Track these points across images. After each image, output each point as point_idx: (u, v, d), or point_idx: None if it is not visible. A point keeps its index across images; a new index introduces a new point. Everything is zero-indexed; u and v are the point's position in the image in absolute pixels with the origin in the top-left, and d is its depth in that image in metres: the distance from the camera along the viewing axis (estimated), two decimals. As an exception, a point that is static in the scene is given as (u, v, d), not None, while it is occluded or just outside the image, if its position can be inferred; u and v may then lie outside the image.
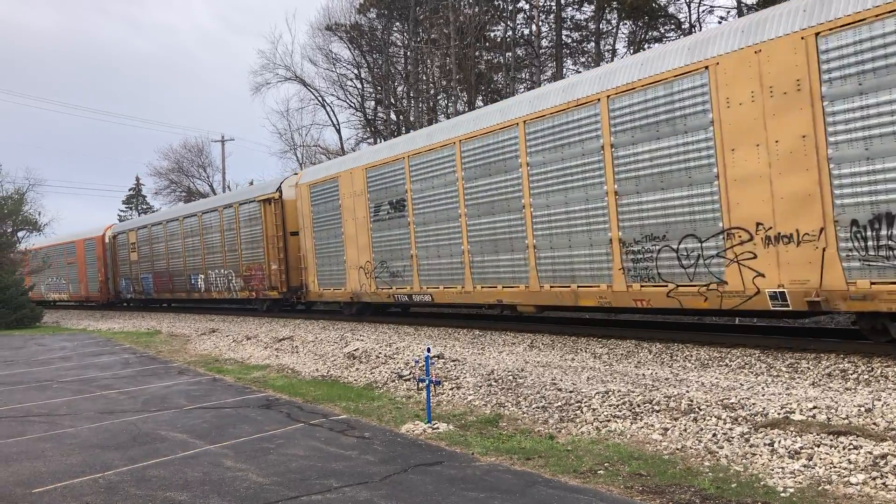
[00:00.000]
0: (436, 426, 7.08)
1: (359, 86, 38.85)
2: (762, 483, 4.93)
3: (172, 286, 27.47)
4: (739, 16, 24.66)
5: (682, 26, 28.06)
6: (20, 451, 7.03)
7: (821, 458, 5.16)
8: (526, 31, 33.73)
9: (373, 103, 39.17)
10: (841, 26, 7.94)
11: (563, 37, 31.86)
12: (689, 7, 29.27)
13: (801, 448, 5.35)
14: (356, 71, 38.58)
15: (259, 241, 21.39)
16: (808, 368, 8.02)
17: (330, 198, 17.97)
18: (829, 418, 5.84)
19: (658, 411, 6.70)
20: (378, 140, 36.26)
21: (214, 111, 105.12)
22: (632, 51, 29.03)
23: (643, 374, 8.47)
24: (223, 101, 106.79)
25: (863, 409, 5.95)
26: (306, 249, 19.17)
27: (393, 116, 38.18)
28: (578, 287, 11.38)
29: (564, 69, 31.30)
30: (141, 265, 30.08)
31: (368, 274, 16.55)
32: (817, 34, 8.13)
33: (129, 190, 71.52)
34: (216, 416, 8.30)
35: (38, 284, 38.80)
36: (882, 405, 6.02)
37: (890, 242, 7.67)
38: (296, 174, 22.23)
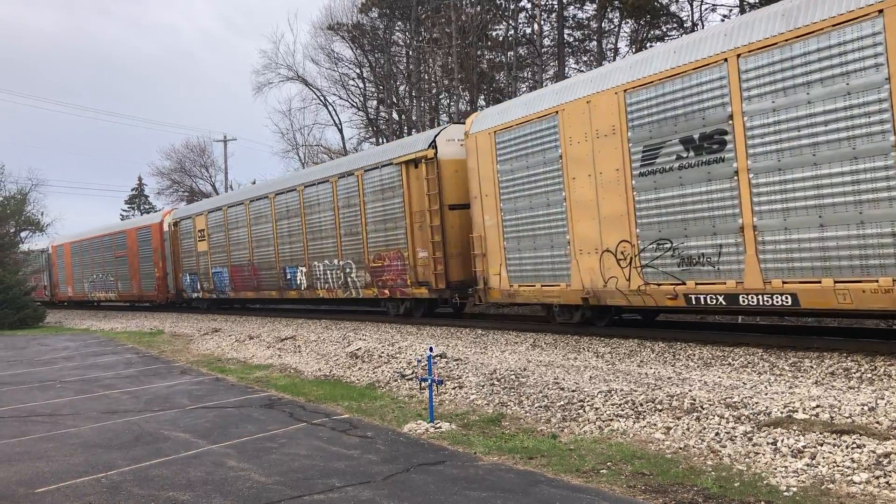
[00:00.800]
0: (438, 426, 7.08)
1: (361, 85, 38.89)
2: (765, 482, 4.92)
3: (258, 282, 21.52)
4: (742, 13, 24.63)
5: (685, 25, 28.03)
6: (23, 450, 7.05)
7: (824, 457, 5.15)
8: (528, 31, 33.74)
9: (375, 103, 39.20)
10: None
11: (565, 35, 31.84)
12: (691, 6, 29.24)
13: (804, 447, 5.34)
14: (358, 70, 38.64)
15: (397, 218, 15.62)
16: (811, 367, 8.01)
17: (538, 146, 12.01)
18: (832, 417, 5.83)
19: (661, 410, 6.69)
20: (381, 140, 36.27)
21: (216, 111, 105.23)
22: (633, 50, 29.00)
23: (646, 374, 8.46)
24: (225, 101, 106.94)
25: (866, 407, 5.94)
26: (485, 228, 13.32)
27: (395, 116, 38.21)
28: None
29: (567, 68, 31.29)
30: (213, 257, 24.01)
31: (626, 260, 10.70)
32: None
33: (132, 190, 71.69)
34: (218, 415, 8.30)
35: (80, 282, 34.28)
36: (885, 404, 6.01)
37: None
38: (459, 123, 16.59)
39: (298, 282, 19.47)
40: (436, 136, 14.88)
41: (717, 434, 5.92)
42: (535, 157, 12.14)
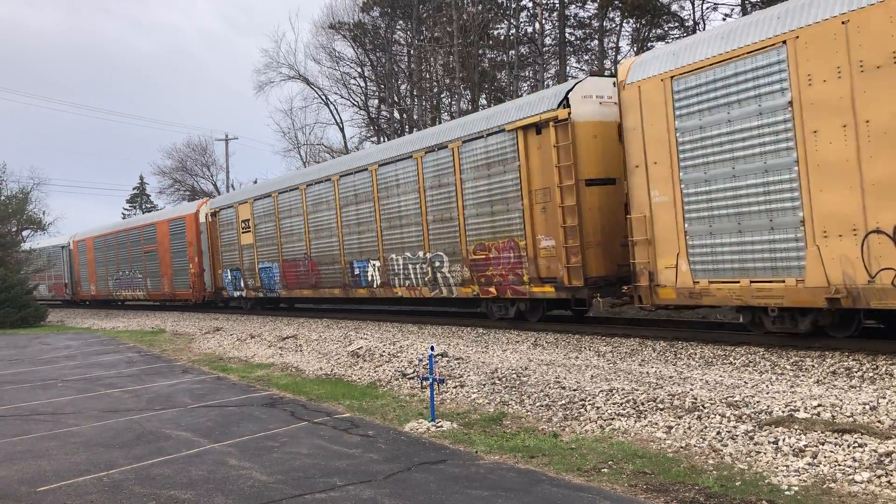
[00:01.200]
0: (439, 424, 7.08)
1: (362, 84, 38.93)
2: (766, 481, 4.92)
3: (317, 279, 18.66)
4: (744, 14, 24.61)
5: (686, 24, 28.00)
6: (25, 449, 7.05)
7: (825, 457, 5.15)
8: (529, 29, 33.75)
9: (376, 102, 39.23)
10: None
11: (567, 34, 31.82)
12: (692, 4, 29.21)
13: (806, 446, 5.34)
14: (359, 69, 38.66)
15: (510, 199, 12.70)
16: (813, 366, 8.00)
17: (748, 92, 9.03)
18: (833, 416, 5.83)
19: (662, 409, 6.69)
20: (381, 139, 36.26)
21: (218, 110, 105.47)
22: (635, 49, 28.96)
23: (647, 373, 8.46)
24: (226, 100, 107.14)
25: (867, 406, 5.94)
26: (651, 206, 10.25)
27: (396, 115, 38.23)
28: None
29: (568, 67, 31.28)
30: (260, 250, 21.26)
31: None
32: None
33: (133, 189, 71.77)
34: (220, 414, 8.31)
35: (104, 280, 31.86)
36: (887, 403, 6.01)
37: None
38: (599, 75, 13.57)
39: (370, 278, 16.57)
40: (568, 93, 11.71)
41: (718, 433, 5.91)
42: (743, 106, 9.11)
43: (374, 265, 16.47)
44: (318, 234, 18.54)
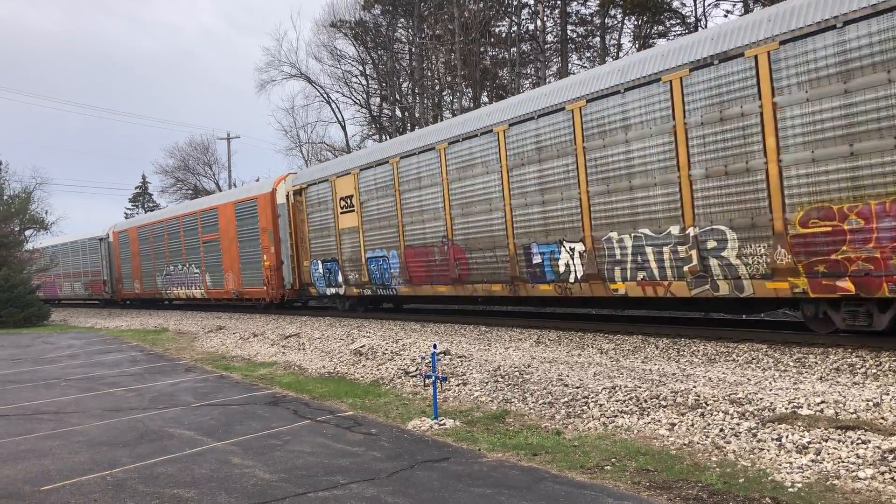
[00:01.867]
0: (442, 422, 7.09)
1: (364, 82, 38.94)
2: (770, 478, 4.91)
3: (462, 272, 14.06)
4: (746, 11, 24.55)
5: (687, 21, 27.95)
6: (28, 448, 7.07)
7: (829, 453, 5.14)
8: (531, 27, 33.70)
9: (378, 100, 39.22)
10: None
11: (569, 31, 31.78)
12: (694, 1, 29.16)
13: (809, 443, 5.33)
14: (361, 67, 38.68)
15: None
16: (816, 363, 7.99)
17: None
18: (836, 413, 5.82)
19: (665, 406, 6.69)
20: (384, 137, 36.24)
21: (220, 109, 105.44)
22: (637, 46, 28.91)
23: (650, 370, 8.45)
24: (228, 99, 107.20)
25: (871, 403, 5.93)
26: None
27: (398, 113, 38.21)
28: None
29: (570, 64, 31.22)
30: (369, 235, 16.71)
31: None
32: None
33: (136, 188, 71.88)
34: (223, 413, 8.32)
35: (151, 276, 27.85)
36: (890, 399, 6.00)
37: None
38: None
39: (562, 269, 11.90)
40: None
41: (721, 430, 5.91)
42: None
43: (571, 249, 11.73)
44: (467, 208, 13.77)
